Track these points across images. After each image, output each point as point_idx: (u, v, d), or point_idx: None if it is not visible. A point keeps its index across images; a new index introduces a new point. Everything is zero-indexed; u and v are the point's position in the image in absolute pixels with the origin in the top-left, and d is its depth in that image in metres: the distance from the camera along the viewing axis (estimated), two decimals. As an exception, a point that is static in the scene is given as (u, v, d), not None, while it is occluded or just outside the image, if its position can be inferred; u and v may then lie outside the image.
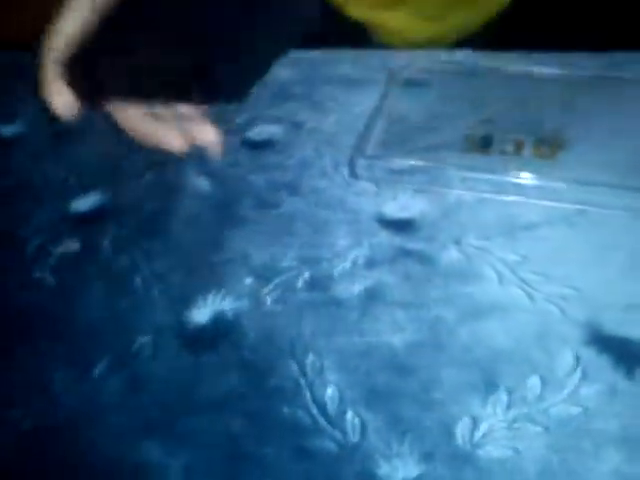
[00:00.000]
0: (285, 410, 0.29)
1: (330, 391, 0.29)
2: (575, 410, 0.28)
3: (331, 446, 0.27)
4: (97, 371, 0.31)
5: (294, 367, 0.30)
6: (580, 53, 0.47)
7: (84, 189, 0.41)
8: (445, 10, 0.66)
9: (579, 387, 0.29)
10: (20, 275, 0.37)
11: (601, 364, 0.29)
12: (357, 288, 0.33)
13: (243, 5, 0.35)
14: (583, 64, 0.41)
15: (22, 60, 0.54)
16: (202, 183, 0.41)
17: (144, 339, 0.32)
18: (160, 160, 0.42)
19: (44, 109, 0.36)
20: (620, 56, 0.45)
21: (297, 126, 0.45)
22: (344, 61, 0.50)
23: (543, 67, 0.47)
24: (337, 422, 0.28)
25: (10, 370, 0.32)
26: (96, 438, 0.29)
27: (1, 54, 0.56)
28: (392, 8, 0.66)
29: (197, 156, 0.42)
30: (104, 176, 0.42)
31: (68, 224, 0.39)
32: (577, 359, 0.30)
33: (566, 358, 0.30)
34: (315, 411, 0.29)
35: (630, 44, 0.41)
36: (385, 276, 0.34)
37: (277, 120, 0.45)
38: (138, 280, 0.35)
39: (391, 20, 0.66)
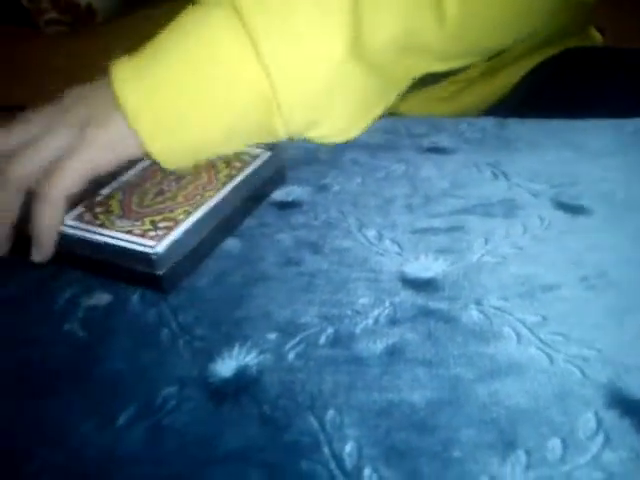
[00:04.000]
0: (303, 464, 0.29)
1: (349, 447, 0.29)
2: (599, 475, 0.27)
3: (348, 502, 0.27)
4: (120, 422, 0.32)
5: (314, 422, 0.31)
6: (592, 121, 0.49)
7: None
8: (456, 93, 0.69)
9: (602, 451, 0.28)
10: (49, 327, 0.38)
11: (624, 428, 0.29)
12: (379, 346, 0.34)
13: None
14: (597, 133, 0.42)
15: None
16: (229, 242, 0.42)
17: (169, 390, 0.33)
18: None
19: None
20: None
21: (323, 188, 0.46)
22: (368, 127, 0.52)
23: (561, 136, 0.48)
24: (355, 478, 0.28)
25: (30, 422, 0.33)
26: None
27: None
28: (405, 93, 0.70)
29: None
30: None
31: (99, 278, 0.40)
32: (599, 422, 0.29)
33: (587, 420, 0.30)
34: (333, 466, 0.29)
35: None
36: (406, 334, 0.34)
37: (304, 182, 0.47)
38: (165, 333, 0.36)
39: (406, 104, 0.70)
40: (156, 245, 0.38)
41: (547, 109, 0.53)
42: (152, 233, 0.39)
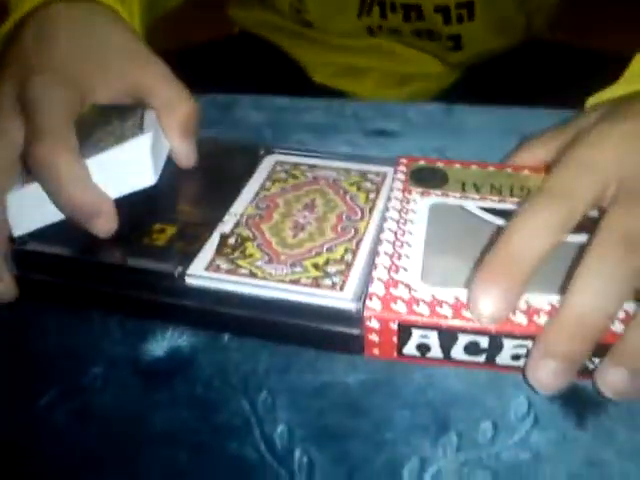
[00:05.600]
0: (233, 446, 0.28)
1: (280, 429, 0.29)
2: (525, 455, 0.28)
3: (277, 484, 0.27)
4: (42, 402, 0.30)
5: (245, 404, 0.30)
6: (538, 110, 0.49)
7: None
8: (406, 79, 0.70)
9: (530, 433, 0.28)
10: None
11: (553, 411, 0.29)
12: (315, 328, 0.33)
13: None
14: (542, 122, 0.42)
15: None
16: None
17: (96, 370, 0.32)
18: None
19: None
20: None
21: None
22: (314, 109, 0.51)
23: (506, 124, 0.48)
24: (284, 460, 0.28)
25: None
26: (34, 471, 0.28)
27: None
28: (356, 77, 0.70)
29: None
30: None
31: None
32: (529, 404, 0.30)
33: (519, 404, 0.30)
34: (263, 448, 0.28)
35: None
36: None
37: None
38: (95, 312, 0.35)
39: (356, 88, 0.70)
40: (352, 298, 0.31)
41: (496, 96, 0.53)
42: (327, 282, 0.32)
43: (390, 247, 0.32)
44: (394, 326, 0.29)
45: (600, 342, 0.28)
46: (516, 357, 0.29)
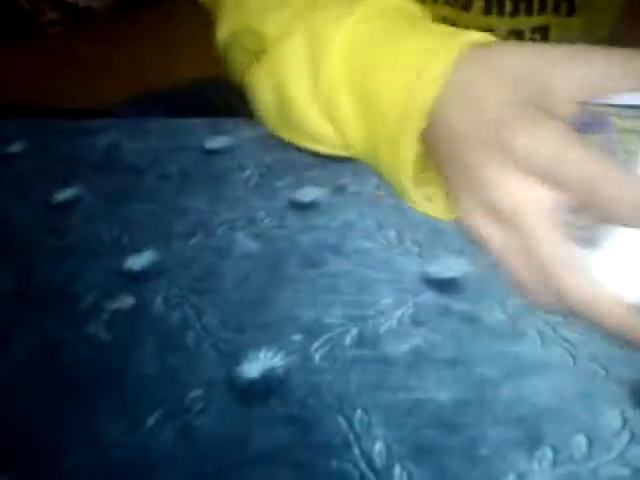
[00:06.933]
0: (333, 463, 0.29)
1: (378, 446, 0.30)
2: (625, 472, 0.28)
3: (380, 500, 0.28)
4: (149, 423, 0.32)
5: (342, 422, 0.31)
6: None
7: (137, 248, 0.43)
8: None
9: (628, 448, 0.29)
10: (74, 330, 0.38)
11: (648, 424, 0.29)
12: (403, 346, 0.34)
13: None
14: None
15: (75, 126, 0.57)
16: (250, 244, 0.42)
17: (196, 393, 0.33)
18: (208, 221, 0.44)
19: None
20: None
21: (340, 189, 0.47)
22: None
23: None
24: (385, 476, 0.29)
25: (61, 424, 0.33)
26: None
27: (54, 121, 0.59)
28: None
29: (245, 219, 0.44)
30: (156, 236, 0.44)
31: (122, 281, 0.41)
32: (624, 419, 0.30)
33: (613, 418, 0.30)
34: (363, 465, 0.29)
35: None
36: (431, 335, 0.35)
37: (321, 183, 0.47)
38: (189, 336, 0.36)
39: None
40: None
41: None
42: None
43: None
44: None
45: None
46: None
